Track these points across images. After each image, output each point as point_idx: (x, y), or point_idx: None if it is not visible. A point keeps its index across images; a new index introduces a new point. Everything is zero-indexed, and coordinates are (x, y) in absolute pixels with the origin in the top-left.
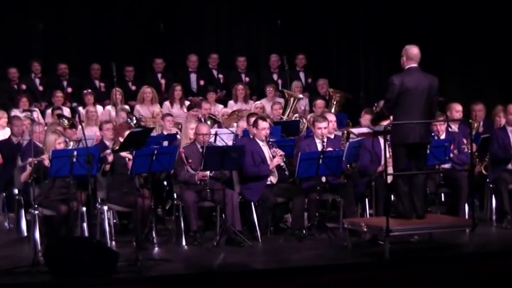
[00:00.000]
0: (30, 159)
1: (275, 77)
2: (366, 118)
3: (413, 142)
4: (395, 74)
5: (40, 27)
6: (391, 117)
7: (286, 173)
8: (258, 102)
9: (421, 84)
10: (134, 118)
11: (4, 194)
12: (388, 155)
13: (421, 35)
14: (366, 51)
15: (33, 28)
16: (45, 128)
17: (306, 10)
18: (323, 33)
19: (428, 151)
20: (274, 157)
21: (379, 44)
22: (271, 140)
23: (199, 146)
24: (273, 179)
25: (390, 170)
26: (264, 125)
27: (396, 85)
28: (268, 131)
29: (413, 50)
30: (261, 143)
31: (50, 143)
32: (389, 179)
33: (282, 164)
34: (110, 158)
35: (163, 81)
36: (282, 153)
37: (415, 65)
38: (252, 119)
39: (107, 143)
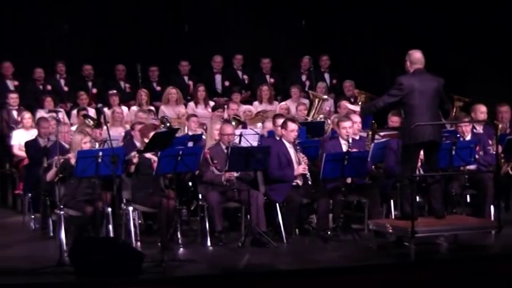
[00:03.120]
0: (56, 158)
1: (304, 78)
2: (393, 120)
3: (428, 140)
4: (403, 75)
5: (65, 28)
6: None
7: (310, 182)
8: (283, 103)
9: (430, 84)
10: (167, 123)
11: (30, 194)
12: None
13: (445, 37)
14: (391, 52)
15: (58, 29)
16: (71, 128)
17: (330, 10)
18: (348, 34)
19: (453, 152)
20: (300, 163)
21: (405, 45)
22: (297, 141)
23: (224, 147)
24: (299, 181)
25: (417, 170)
26: (293, 127)
27: (404, 84)
28: (296, 133)
29: (417, 54)
30: (288, 145)
31: (76, 142)
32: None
33: (307, 173)
34: (135, 160)
35: (190, 83)
36: (307, 161)
37: (420, 67)
38: (279, 120)
39: (137, 143)
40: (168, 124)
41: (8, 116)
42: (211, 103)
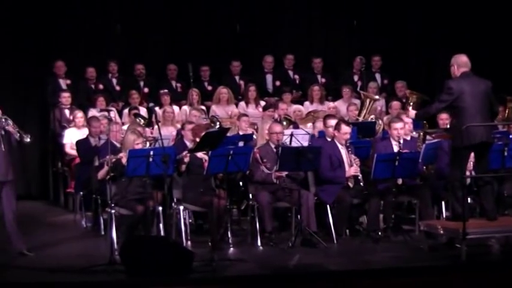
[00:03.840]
0: (108, 157)
1: (355, 78)
2: (442, 118)
3: (480, 142)
4: (451, 79)
5: (118, 28)
6: (450, 121)
7: (361, 184)
8: (332, 103)
9: (478, 87)
10: (218, 123)
11: (81, 193)
12: None
13: (494, 36)
14: (442, 52)
15: (111, 29)
16: (123, 127)
17: (382, 10)
18: (400, 34)
19: (506, 153)
20: (352, 165)
21: (456, 46)
22: (349, 142)
23: (273, 146)
24: (350, 183)
25: (468, 172)
26: (346, 129)
27: (453, 88)
28: (349, 136)
29: (463, 58)
30: (339, 146)
31: (129, 142)
32: (467, 181)
33: (359, 175)
34: (186, 159)
35: (241, 83)
36: (359, 163)
37: (467, 70)
38: (330, 121)
39: (187, 143)
40: (218, 123)
41: (60, 115)
42: (262, 103)
